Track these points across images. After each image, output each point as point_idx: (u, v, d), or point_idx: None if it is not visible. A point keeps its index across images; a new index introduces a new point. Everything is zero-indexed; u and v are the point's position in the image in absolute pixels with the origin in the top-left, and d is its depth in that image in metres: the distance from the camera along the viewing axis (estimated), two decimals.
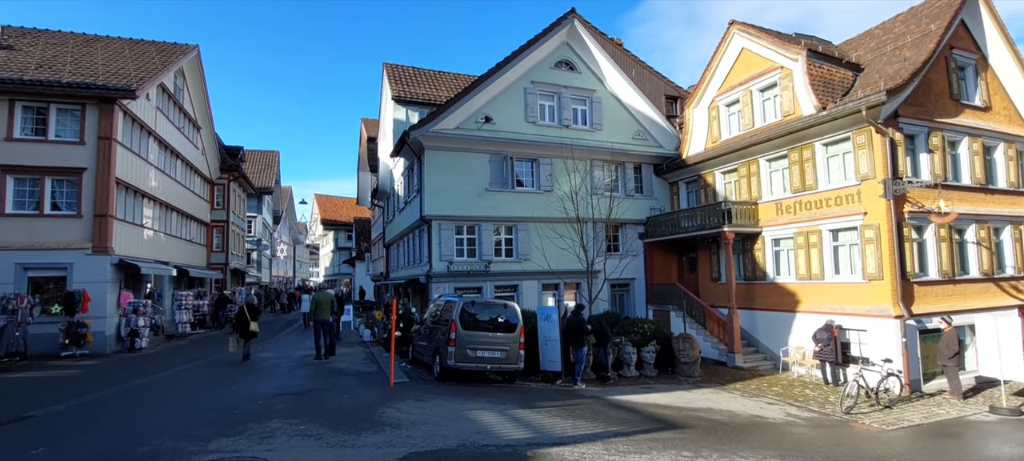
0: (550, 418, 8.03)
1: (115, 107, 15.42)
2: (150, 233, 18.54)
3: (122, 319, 15.49)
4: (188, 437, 6.27)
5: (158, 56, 19.08)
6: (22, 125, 14.81)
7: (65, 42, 18.39)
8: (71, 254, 14.61)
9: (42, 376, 11.18)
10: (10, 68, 15.28)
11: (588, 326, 12.01)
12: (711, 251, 17.95)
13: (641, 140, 20.03)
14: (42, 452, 5.84)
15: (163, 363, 13.20)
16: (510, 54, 18.04)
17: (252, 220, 38.57)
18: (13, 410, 7.84)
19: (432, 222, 16.84)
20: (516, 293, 17.34)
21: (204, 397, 9.06)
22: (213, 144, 26.55)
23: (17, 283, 14.07)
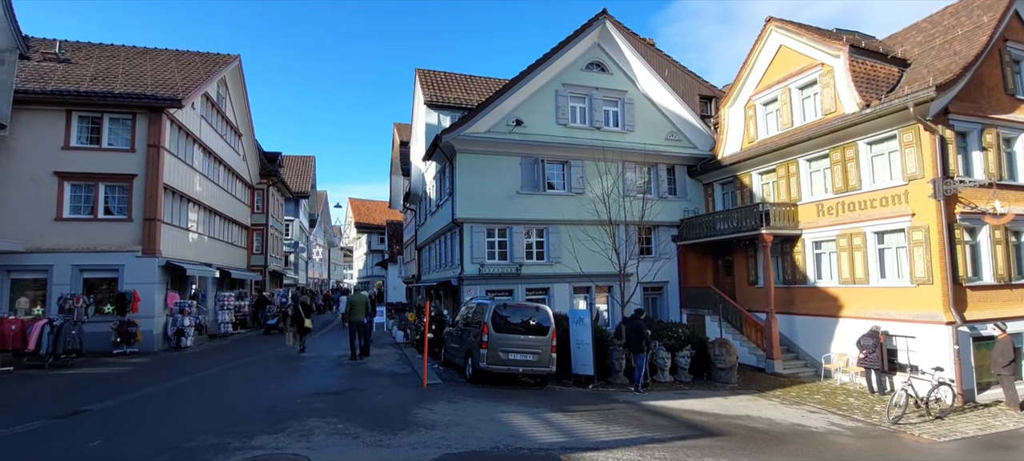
0: (583, 423, 7.97)
1: (163, 116, 16.14)
2: (195, 236, 19.30)
3: (169, 319, 16.17)
4: (232, 433, 6.48)
5: (202, 66, 19.88)
6: (78, 134, 15.66)
7: (116, 55, 19.37)
8: (122, 256, 15.35)
9: (96, 372, 11.77)
10: (67, 80, 16.19)
11: (648, 331, 11.96)
12: (748, 254, 17.50)
13: (674, 141, 19.70)
14: (99, 445, 6.14)
15: (207, 361, 13.71)
16: (541, 57, 18.04)
17: (289, 223, 39.69)
18: (71, 404, 8.28)
19: (464, 225, 16.97)
20: (547, 296, 17.30)
21: (246, 395, 9.36)
22: (253, 150, 27.46)
23: (73, 284, 14.87)
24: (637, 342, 11.68)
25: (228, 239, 23.76)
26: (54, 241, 14.90)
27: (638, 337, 11.71)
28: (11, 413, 7.68)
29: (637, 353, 11.65)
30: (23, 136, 14.94)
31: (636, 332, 11.73)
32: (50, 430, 6.81)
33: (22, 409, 8.00)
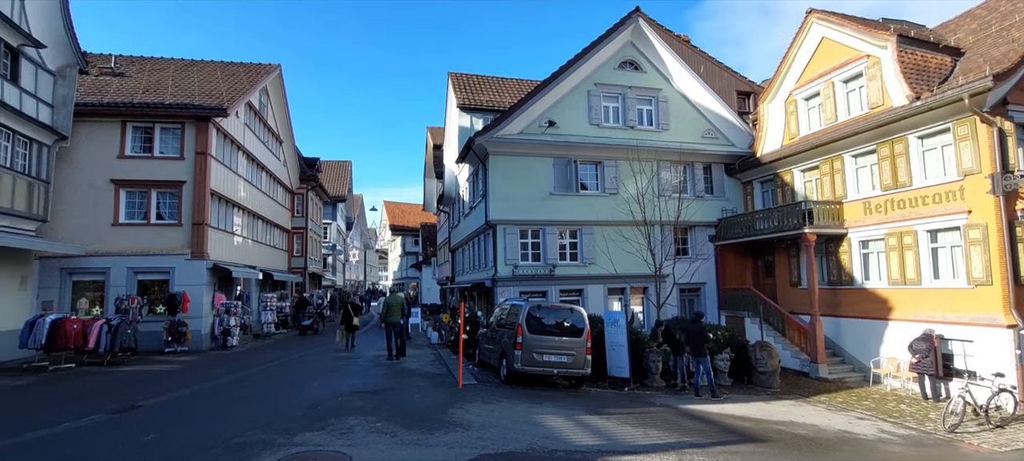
0: (619, 426, 7.87)
1: (210, 125, 16.84)
2: (239, 239, 20.06)
3: (216, 319, 16.85)
4: (276, 430, 6.70)
5: (246, 76, 20.66)
6: (132, 143, 16.51)
7: (166, 67, 20.34)
8: (173, 259, 16.09)
9: (149, 370, 12.37)
10: (122, 93, 17.11)
11: (709, 334, 11.81)
12: (790, 254, 16.94)
13: (711, 139, 19.27)
14: (153, 439, 6.45)
15: (252, 360, 14.21)
16: (572, 57, 17.97)
17: (327, 226, 40.76)
18: (128, 399, 8.73)
19: (497, 226, 17.05)
20: (581, 297, 17.19)
21: (288, 393, 9.66)
22: (293, 156, 28.34)
23: (128, 285, 15.68)
24: (700, 345, 11.47)
25: (270, 242, 24.58)
26: (111, 245, 15.75)
27: (701, 340, 11.52)
28: (76, 407, 8.16)
29: (700, 357, 11.44)
30: (82, 146, 15.87)
31: (699, 335, 11.54)
32: (109, 424, 7.20)
33: (85, 404, 8.48)
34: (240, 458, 5.56)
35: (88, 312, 15.08)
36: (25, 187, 13.82)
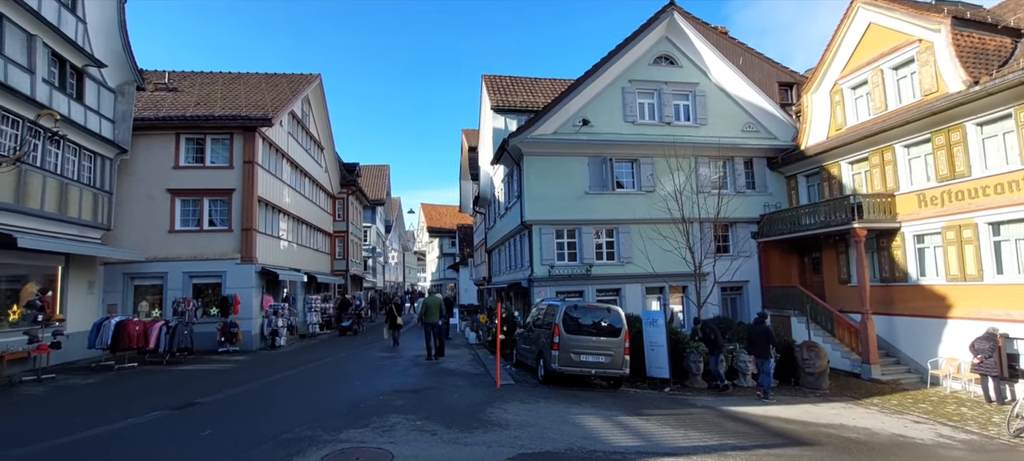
0: (660, 427, 7.77)
1: (256, 134, 17.58)
2: (285, 244, 20.84)
3: (264, 320, 17.57)
4: (322, 427, 6.96)
5: (288, 87, 21.45)
6: (185, 154, 17.42)
7: (215, 81, 21.35)
8: (224, 263, 16.88)
9: (205, 369, 13.02)
10: (176, 107, 18.08)
11: (772, 335, 11.64)
12: (838, 250, 16.27)
13: (751, 132, 18.73)
14: (209, 434, 6.81)
15: (298, 359, 14.74)
16: (606, 55, 17.83)
17: (367, 230, 41.76)
18: (186, 397, 9.24)
19: (532, 227, 17.09)
20: (618, 297, 17.03)
21: (333, 391, 10.00)
22: (334, 162, 29.21)
23: (184, 289, 16.55)
24: (764, 346, 11.25)
25: (314, 246, 25.42)
26: (168, 251, 16.67)
27: (766, 341, 11.29)
28: (139, 404, 8.69)
29: (764, 358, 11.21)
30: (141, 158, 16.85)
31: (765, 336, 11.33)
32: (169, 420, 7.65)
33: (147, 401, 9.02)
34: (289, 453, 5.80)
35: (148, 314, 16.00)
36: (91, 198, 14.80)
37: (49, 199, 13.04)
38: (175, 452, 6.14)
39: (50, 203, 13.08)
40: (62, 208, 13.53)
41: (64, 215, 13.59)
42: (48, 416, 8.05)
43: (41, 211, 12.75)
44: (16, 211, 11.99)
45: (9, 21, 11.86)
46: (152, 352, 13.46)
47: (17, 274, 12.78)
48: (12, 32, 11.97)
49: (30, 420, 7.80)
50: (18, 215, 12.12)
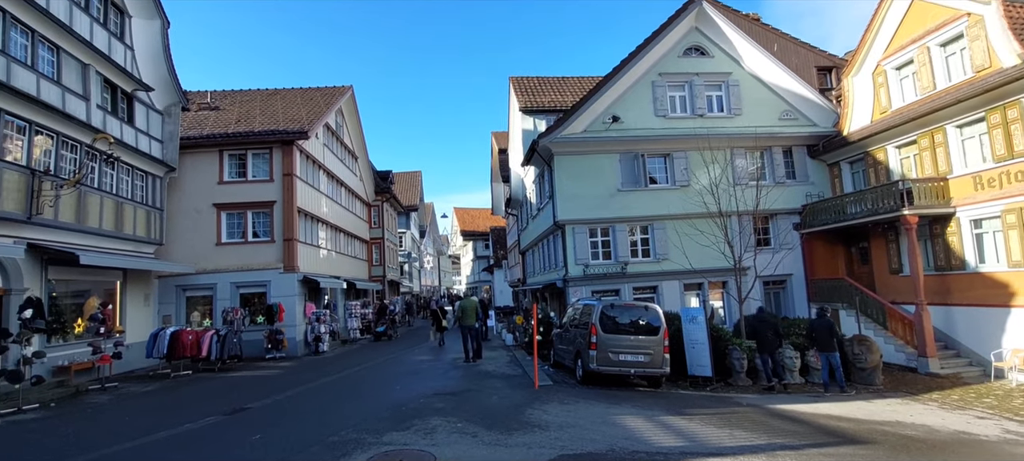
0: (703, 426, 7.61)
1: (293, 147, 18.17)
2: (324, 252, 21.44)
3: (308, 327, 18.11)
4: (366, 430, 7.12)
5: (322, 99, 22.07)
6: (228, 170, 18.16)
7: (254, 98, 22.17)
8: (268, 273, 17.50)
9: (253, 375, 13.52)
10: (218, 125, 18.86)
11: (836, 328, 11.38)
12: (888, 239, 15.56)
13: (790, 120, 18.13)
14: (260, 438, 7.07)
15: (341, 364, 15.13)
16: (634, 50, 17.61)
17: (402, 235, 42.49)
18: (237, 402, 9.62)
19: (565, 227, 17.02)
20: (656, 294, 16.77)
21: (375, 395, 10.21)
22: (368, 170, 29.86)
23: (232, 298, 17.24)
24: (829, 341, 10.99)
25: (351, 253, 26.04)
26: (216, 262, 17.40)
27: (831, 335, 11.03)
28: (194, 410, 9.11)
29: (829, 352, 10.95)
30: (188, 175, 17.66)
31: (828, 329, 11.07)
32: (223, 425, 7.98)
33: (201, 407, 9.45)
34: (336, 456, 5.96)
35: (200, 324, 16.71)
36: (144, 215, 15.60)
37: (106, 218, 13.81)
38: (229, 456, 6.40)
39: (107, 221, 13.85)
40: (118, 226, 14.31)
41: (120, 232, 14.37)
42: (113, 423, 8.53)
43: (100, 229, 13.52)
44: (77, 230, 12.76)
45: (66, 53, 12.65)
46: (205, 360, 14.06)
47: (80, 289, 13.60)
48: (68, 62, 12.76)
49: (98, 427, 8.29)
50: (79, 234, 12.89)
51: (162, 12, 15.86)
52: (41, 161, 11.80)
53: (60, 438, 7.62)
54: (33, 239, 11.53)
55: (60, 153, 12.39)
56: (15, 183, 10.94)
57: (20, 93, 10.97)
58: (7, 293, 11.06)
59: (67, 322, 13.04)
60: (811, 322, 11.63)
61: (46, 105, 11.67)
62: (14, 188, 10.90)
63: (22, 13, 11.33)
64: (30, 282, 11.55)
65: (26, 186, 11.17)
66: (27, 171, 11.23)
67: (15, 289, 11.12)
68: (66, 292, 13.12)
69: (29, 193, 11.20)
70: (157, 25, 15.90)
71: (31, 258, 11.59)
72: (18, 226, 11.12)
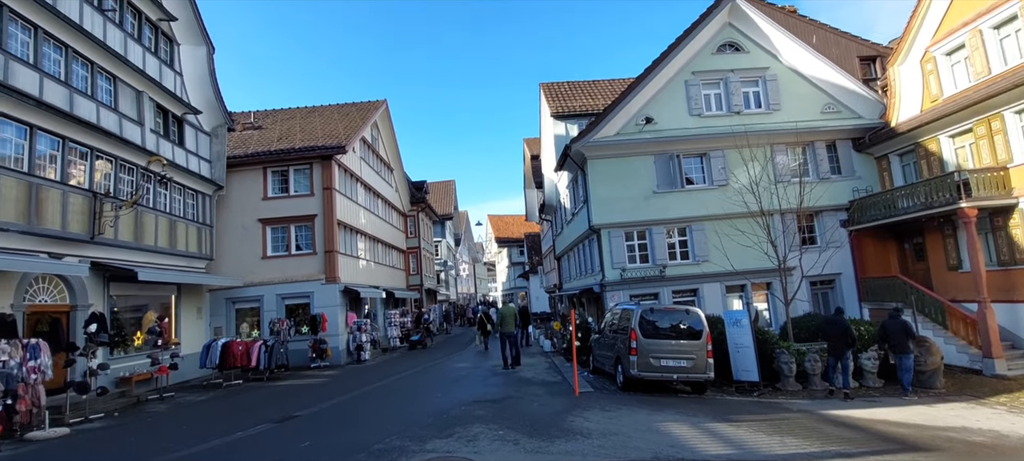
0: (752, 434, 7.38)
1: (332, 162, 18.72)
2: (363, 262, 21.94)
3: (349, 336, 18.54)
4: (409, 437, 7.23)
5: (358, 114, 22.68)
6: (272, 186, 18.86)
7: (293, 116, 22.98)
8: (311, 284, 18.04)
9: (299, 384, 13.94)
10: (261, 143, 19.62)
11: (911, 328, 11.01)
12: (944, 233, 14.75)
13: (832, 113, 17.49)
14: (308, 445, 7.28)
15: (382, 372, 15.41)
16: (665, 50, 17.38)
17: (438, 244, 43.02)
18: (285, 410, 9.93)
19: (601, 231, 16.88)
20: (696, 297, 16.41)
21: (417, 402, 10.36)
22: (403, 181, 30.45)
23: (278, 309, 17.85)
24: (904, 341, 10.59)
25: (389, 263, 26.55)
26: (262, 275, 18.07)
27: (905, 335, 10.63)
28: (245, 418, 9.46)
29: (904, 354, 10.55)
30: (234, 193, 18.43)
31: (903, 330, 10.68)
32: (273, 432, 8.25)
33: (252, 415, 9.81)
34: None
35: (249, 335, 17.39)
36: (195, 232, 16.35)
37: (161, 235, 14.55)
38: None
39: (162, 239, 14.59)
40: (172, 243, 15.05)
41: (174, 249, 15.11)
42: (172, 431, 8.96)
43: (155, 246, 14.26)
44: (135, 248, 13.50)
45: (122, 81, 13.44)
46: (254, 369, 14.59)
47: (138, 304, 14.36)
48: (124, 91, 13.55)
49: (158, 435, 8.72)
50: (137, 251, 13.63)
51: (208, 39, 16.66)
52: (101, 184, 12.56)
53: (124, 447, 8.06)
54: (96, 257, 12.25)
55: (118, 176, 13.15)
56: (79, 206, 11.67)
57: (82, 121, 11.72)
58: (73, 309, 11.78)
59: (127, 335, 13.78)
60: (884, 323, 11.11)
61: (105, 131, 12.43)
62: (78, 211, 11.63)
63: (82, 46, 12.12)
64: (94, 298, 12.28)
65: (89, 208, 11.90)
66: (89, 194, 11.97)
67: (80, 305, 11.84)
68: (126, 307, 13.88)
69: (91, 215, 11.92)
70: (203, 51, 16.71)
71: (94, 275, 12.32)
72: (82, 246, 11.85)
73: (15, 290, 10.28)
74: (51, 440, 8.41)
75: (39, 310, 11.09)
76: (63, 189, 11.26)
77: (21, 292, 10.44)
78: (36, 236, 10.57)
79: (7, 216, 9.88)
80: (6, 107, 10.06)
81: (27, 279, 10.61)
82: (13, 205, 10.03)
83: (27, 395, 8.58)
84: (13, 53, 10.26)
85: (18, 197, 10.15)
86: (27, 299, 10.67)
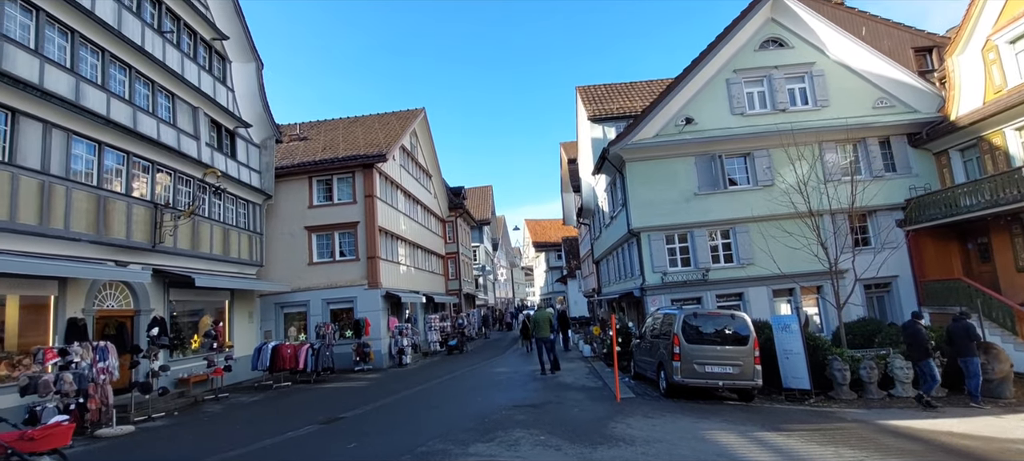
0: (804, 444, 7.09)
1: (374, 170, 19.22)
2: (404, 268, 22.37)
3: (391, 340, 18.93)
4: (452, 440, 7.32)
5: (398, 123, 23.19)
6: (317, 194, 19.51)
7: (337, 127, 23.71)
8: (354, 290, 18.54)
9: (344, 386, 14.32)
10: (307, 154, 20.35)
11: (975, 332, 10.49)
12: (1012, 233, 13.80)
13: (885, 108, 16.67)
14: (355, 447, 7.49)
15: (423, 376, 15.66)
16: (705, 48, 17.01)
17: (476, 249, 43.38)
18: (331, 412, 10.23)
19: (640, 234, 16.64)
20: (741, 301, 15.92)
21: (458, 406, 10.47)
22: (442, 187, 30.90)
23: (323, 314, 18.42)
24: (969, 345, 10.09)
25: (429, 268, 26.97)
26: (309, 281, 18.70)
27: (970, 339, 10.12)
28: (294, 419, 9.81)
29: (969, 357, 10.03)
30: (282, 202, 19.17)
31: (966, 333, 10.16)
32: (320, 433, 8.52)
33: (300, 416, 10.15)
34: None
35: (296, 338, 18.00)
36: (247, 240, 17.10)
37: (216, 243, 15.29)
38: None
39: (217, 246, 15.33)
40: (226, 250, 15.78)
41: (227, 256, 15.85)
42: (226, 430, 9.39)
43: (210, 254, 14.99)
44: (192, 256, 14.23)
45: (180, 99, 14.24)
46: (301, 372, 15.11)
47: (195, 309, 15.11)
48: (182, 107, 14.34)
49: (214, 434, 9.16)
50: (194, 259, 14.36)
51: (257, 56, 17.44)
52: (162, 196, 13.33)
53: (184, 445, 8.50)
54: (157, 264, 13.00)
55: (176, 187, 13.92)
56: (142, 216, 12.42)
57: (145, 137, 12.48)
58: (137, 313, 12.53)
59: (185, 338, 14.53)
60: (948, 328, 10.52)
61: (165, 146, 13.19)
62: (141, 221, 12.38)
63: (144, 67, 12.92)
64: (155, 303, 13.02)
65: (150, 218, 12.64)
66: (151, 205, 12.72)
67: (143, 310, 12.57)
68: (183, 311, 14.64)
69: (153, 224, 12.66)
70: (253, 67, 17.50)
71: (155, 282, 13.06)
72: (145, 254, 12.59)
73: (86, 296, 11.03)
74: (119, 437, 8.96)
75: (106, 314, 11.84)
76: (128, 201, 12.01)
77: (91, 298, 11.19)
78: (104, 245, 11.31)
79: (79, 227, 10.63)
80: (79, 126, 10.84)
81: (96, 285, 11.36)
82: (84, 217, 10.78)
83: (97, 394, 9.17)
84: (84, 75, 11.05)
85: (88, 209, 10.90)
86: (96, 304, 11.42)
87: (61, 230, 10.19)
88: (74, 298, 10.75)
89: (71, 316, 10.33)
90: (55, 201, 10.11)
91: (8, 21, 9.55)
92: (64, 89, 10.40)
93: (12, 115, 9.53)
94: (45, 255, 9.91)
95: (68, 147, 10.59)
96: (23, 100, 9.63)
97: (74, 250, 10.62)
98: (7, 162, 9.33)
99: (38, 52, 9.96)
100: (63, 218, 10.26)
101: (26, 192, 9.55)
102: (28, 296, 10.03)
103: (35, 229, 9.67)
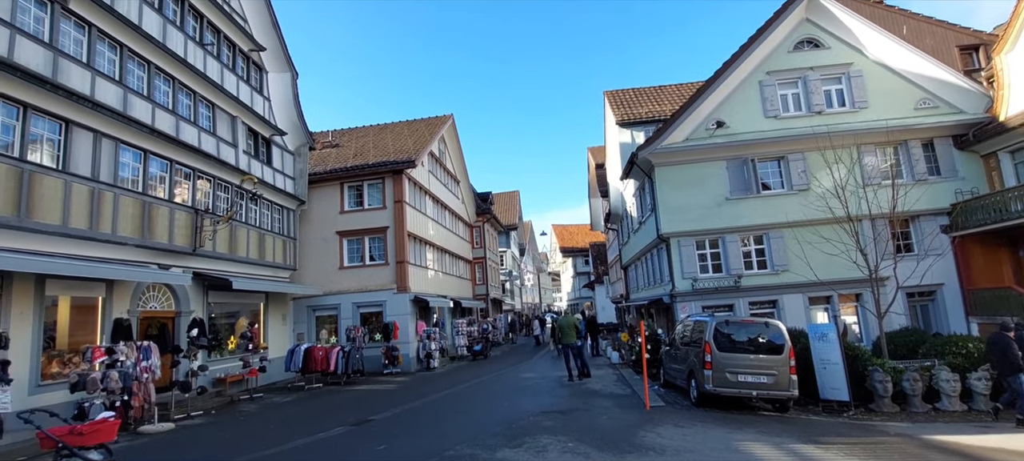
0: (845, 458, 6.83)
1: (403, 176, 19.51)
2: (432, 273, 22.59)
3: (419, 344, 19.12)
4: (479, 445, 7.33)
5: (426, 129, 23.50)
6: (348, 200, 19.91)
7: (367, 134, 24.18)
8: (384, 294, 18.81)
9: (373, 389, 14.52)
10: (338, 160, 20.80)
11: None
12: None
13: (928, 109, 16.02)
14: (384, 449, 7.57)
15: (451, 380, 15.74)
16: (737, 50, 16.68)
17: (503, 254, 43.47)
18: (361, 414, 10.38)
19: (670, 240, 16.39)
20: (776, 309, 15.49)
21: (485, 411, 10.49)
22: (469, 193, 31.12)
23: (353, 317, 18.74)
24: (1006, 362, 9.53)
25: (456, 273, 27.16)
26: (340, 285, 19.07)
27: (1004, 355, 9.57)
28: (325, 420, 9.99)
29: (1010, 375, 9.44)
30: (315, 207, 19.64)
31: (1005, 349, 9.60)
32: (350, 435, 8.66)
33: (331, 417, 10.34)
34: None
35: (328, 341, 18.35)
36: (281, 244, 17.57)
37: (252, 247, 15.76)
38: None
39: (253, 251, 15.80)
40: (261, 254, 16.25)
41: (263, 260, 16.31)
42: (261, 430, 9.63)
43: (247, 258, 15.46)
44: (230, 259, 14.70)
45: (219, 109, 14.77)
46: (332, 374, 15.39)
47: (231, 311, 15.59)
48: (221, 116, 14.87)
49: (249, 433, 9.40)
50: (231, 262, 14.83)
51: (292, 66, 17.97)
52: (202, 201, 13.83)
53: (221, 443, 8.76)
54: (197, 268, 13.48)
55: (215, 193, 14.43)
56: (183, 221, 12.91)
57: (187, 145, 12.99)
58: (177, 314, 13.01)
59: (223, 339, 15.00)
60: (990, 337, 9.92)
61: (205, 153, 13.69)
62: (183, 225, 12.86)
63: (186, 78, 13.47)
64: (195, 305, 13.49)
65: (191, 223, 13.12)
66: (192, 210, 13.21)
67: (183, 311, 13.04)
68: (221, 313, 15.12)
69: (193, 229, 13.15)
70: (288, 77, 18.03)
71: (195, 284, 13.54)
72: (186, 257, 13.07)
73: (131, 297, 11.52)
74: (160, 434, 9.31)
75: (149, 315, 12.34)
76: (170, 206, 12.51)
77: (136, 299, 11.68)
78: (148, 249, 11.80)
79: (125, 231, 11.12)
80: (126, 135, 11.37)
81: (140, 288, 11.85)
82: (130, 221, 11.27)
83: (140, 392, 9.56)
84: (131, 87, 11.59)
85: (134, 214, 11.40)
86: (140, 305, 11.92)
87: (109, 234, 10.68)
88: (120, 299, 11.24)
89: (117, 317, 10.80)
90: (104, 207, 10.61)
91: (63, 37, 10.11)
92: (113, 100, 10.92)
93: (66, 125, 10.06)
94: (94, 258, 10.40)
95: (116, 155, 11.12)
96: (76, 111, 10.16)
97: (120, 254, 11.12)
98: (61, 170, 9.85)
99: (90, 65, 10.50)
100: (111, 223, 10.75)
101: (78, 198, 10.06)
102: (78, 297, 10.54)
103: (85, 233, 10.16)
